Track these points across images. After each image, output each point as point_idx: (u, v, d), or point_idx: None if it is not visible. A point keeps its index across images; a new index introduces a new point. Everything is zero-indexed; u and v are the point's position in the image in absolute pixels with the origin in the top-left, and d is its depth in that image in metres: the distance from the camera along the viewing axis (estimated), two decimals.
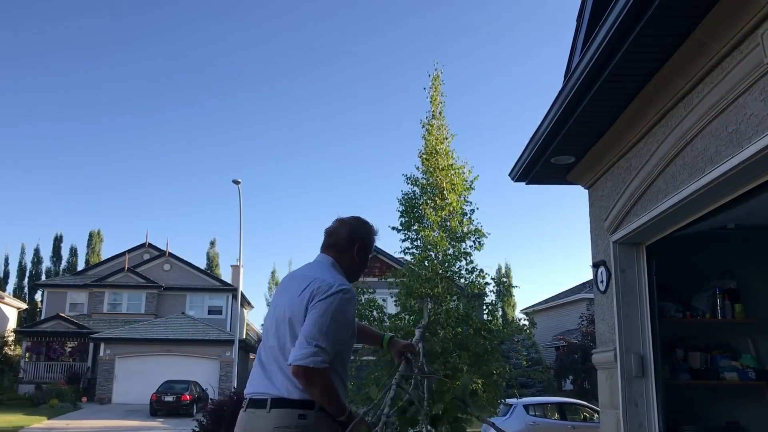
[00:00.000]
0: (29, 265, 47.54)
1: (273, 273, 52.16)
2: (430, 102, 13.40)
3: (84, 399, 29.30)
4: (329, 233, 2.73)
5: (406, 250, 12.72)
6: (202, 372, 29.38)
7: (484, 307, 13.06)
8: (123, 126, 67.38)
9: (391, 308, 13.35)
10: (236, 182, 26.22)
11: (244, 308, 43.55)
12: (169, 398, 24.70)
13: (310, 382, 2.33)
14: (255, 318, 77.11)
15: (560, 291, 37.32)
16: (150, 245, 38.93)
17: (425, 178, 12.85)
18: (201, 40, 67.72)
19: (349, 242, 2.68)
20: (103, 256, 44.76)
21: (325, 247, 2.72)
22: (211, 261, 49.99)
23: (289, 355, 2.35)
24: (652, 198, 4.28)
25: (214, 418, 11.47)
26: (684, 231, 4.45)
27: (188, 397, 24.92)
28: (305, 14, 68.51)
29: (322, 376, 2.33)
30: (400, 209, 12.86)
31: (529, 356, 26.41)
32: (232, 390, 16.01)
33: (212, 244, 51.16)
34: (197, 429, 11.66)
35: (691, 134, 3.69)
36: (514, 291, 40.66)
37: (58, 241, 48.79)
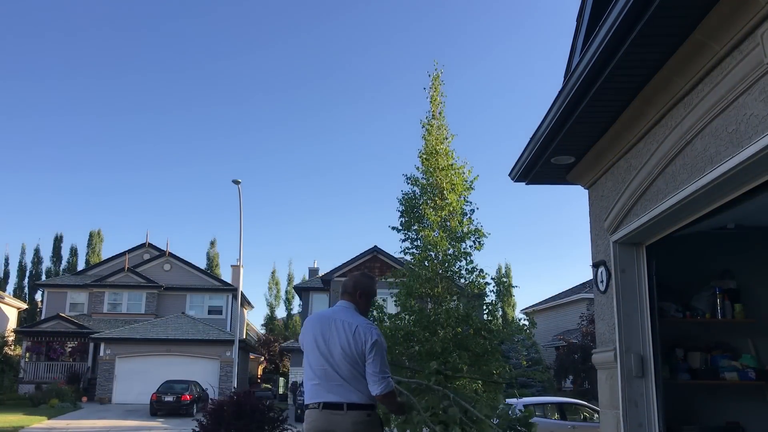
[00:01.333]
0: (29, 265, 47.54)
1: (273, 273, 52.16)
2: (430, 102, 13.37)
3: (84, 399, 29.31)
4: (343, 284, 3.97)
5: (406, 250, 12.70)
6: (202, 372, 29.38)
7: (484, 307, 13.02)
8: (123, 126, 67.44)
9: (392, 308, 13.34)
10: (236, 182, 26.24)
11: (244, 308, 43.54)
12: (169, 398, 24.69)
13: (391, 398, 3.70)
14: (255, 318, 77.12)
15: (560, 291, 37.33)
16: (150, 245, 38.92)
17: (425, 178, 12.82)
18: (202, 39, 67.77)
19: (353, 289, 3.88)
20: (103, 256, 44.76)
21: (341, 294, 3.94)
22: (211, 261, 49.96)
23: (373, 387, 3.58)
24: (652, 198, 4.28)
25: (214, 418, 11.45)
26: (684, 231, 4.45)
27: (188, 397, 24.92)
28: (306, 14, 68.54)
29: (394, 392, 3.74)
30: (400, 209, 12.84)
31: (529, 356, 26.38)
32: (232, 390, 15.99)
33: (212, 244, 51.17)
34: (197, 429, 11.64)
35: (691, 134, 3.69)
36: (514, 291, 40.66)
37: (58, 241, 48.77)
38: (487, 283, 12.76)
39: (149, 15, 65.06)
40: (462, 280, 12.75)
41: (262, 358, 42.96)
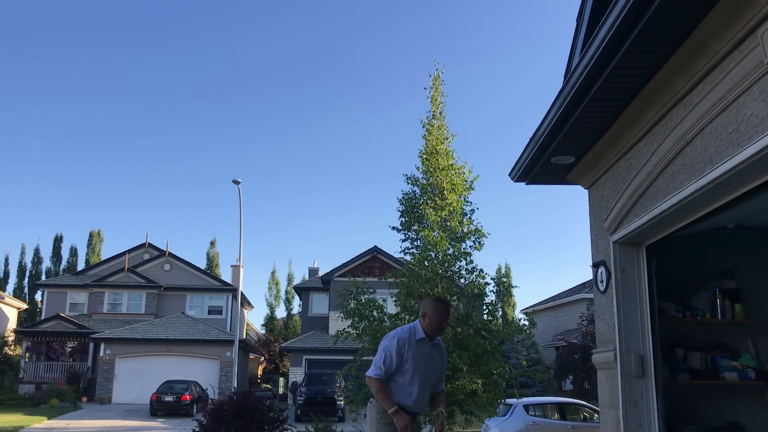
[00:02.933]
0: (29, 265, 47.51)
1: (273, 273, 52.10)
2: (431, 102, 13.37)
3: (84, 399, 29.30)
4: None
5: (406, 250, 12.69)
6: (202, 372, 29.38)
7: (484, 307, 13.03)
8: (123, 127, 67.45)
9: (392, 308, 13.34)
10: (236, 182, 26.24)
11: (244, 308, 43.54)
12: (169, 398, 24.69)
13: (371, 383, 4.39)
14: (255, 318, 77.10)
15: (560, 291, 37.34)
16: (150, 245, 38.92)
17: (425, 178, 12.82)
18: (202, 39, 67.79)
19: (421, 310, 4.52)
20: (103, 256, 44.74)
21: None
22: (211, 261, 49.94)
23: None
24: (652, 198, 4.28)
25: (214, 418, 11.46)
26: (684, 231, 4.45)
27: (188, 397, 24.91)
28: (307, 15, 68.57)
29: (374, 380, 4.35)
30: (401, 209, 12.83)
31: (529, 356, 26.39)
32: (232, 390, 16.00)
33: (212, 244, 51.11)
34: (197, 429, 11.65)
35: (691, 134, 3.69)
36: (514, 291, 40.64)
37: (58, 241, 48.74)
38: (487, 283, 12.77)
39: (148, 11, 65.12)
40: (462, 280, 12.76)
41: (262, 358, 42.94)
